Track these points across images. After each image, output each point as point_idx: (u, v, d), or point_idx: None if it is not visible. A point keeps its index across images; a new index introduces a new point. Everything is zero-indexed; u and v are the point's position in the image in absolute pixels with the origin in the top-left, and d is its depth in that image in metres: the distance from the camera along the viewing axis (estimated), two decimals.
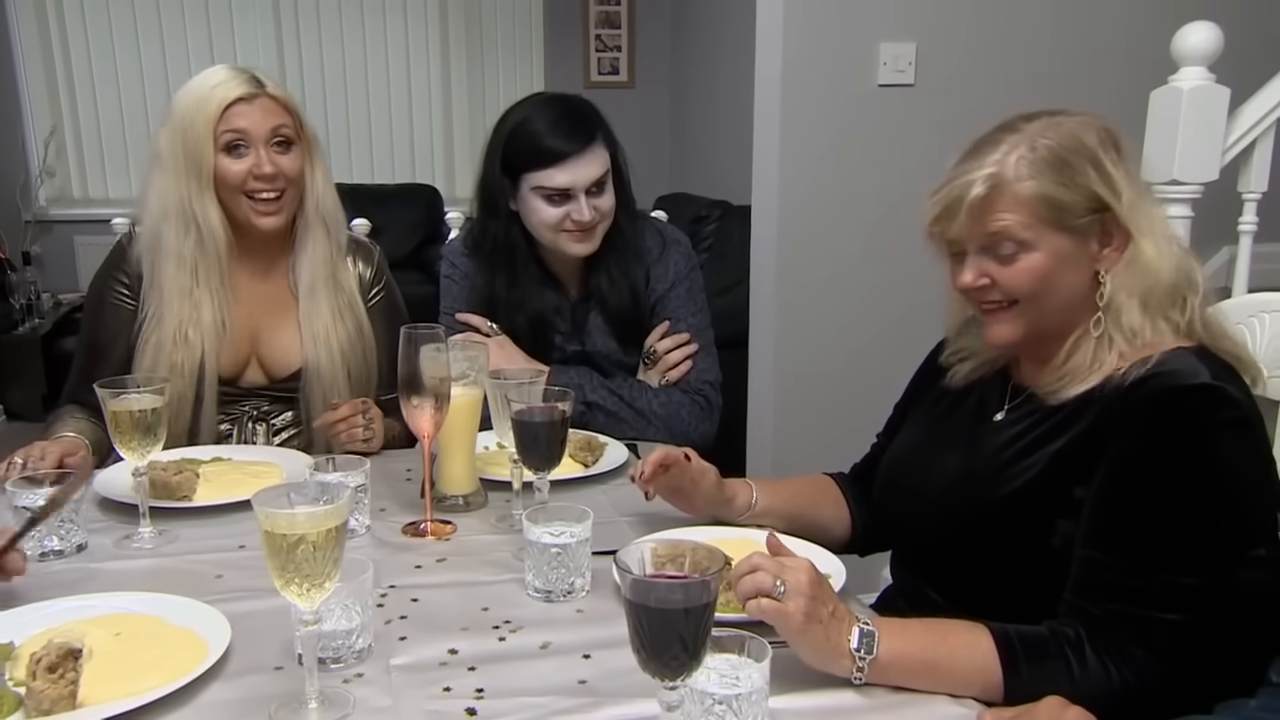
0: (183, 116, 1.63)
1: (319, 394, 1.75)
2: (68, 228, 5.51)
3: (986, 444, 1.21)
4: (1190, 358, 1.08)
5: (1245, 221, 2.08)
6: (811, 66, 2.62)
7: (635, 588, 0.81)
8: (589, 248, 1.81)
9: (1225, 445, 1.04)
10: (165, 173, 1.66)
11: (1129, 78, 2.16)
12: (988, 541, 1.17)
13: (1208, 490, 1.03)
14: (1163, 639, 1.01)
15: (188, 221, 1.65)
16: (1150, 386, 1.07)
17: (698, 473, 1.32)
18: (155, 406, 1.34)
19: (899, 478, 1.36)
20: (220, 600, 1.14)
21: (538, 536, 1.20)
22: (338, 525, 0.94)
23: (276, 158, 1.66)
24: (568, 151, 1.73)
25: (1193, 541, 1.02)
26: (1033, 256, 1.12)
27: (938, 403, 1.35)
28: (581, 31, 6.11)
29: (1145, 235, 1.12)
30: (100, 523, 1.42)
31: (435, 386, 1.36)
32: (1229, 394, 1.05)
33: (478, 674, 1.03)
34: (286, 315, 1.76)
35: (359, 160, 6.17)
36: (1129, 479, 1.06)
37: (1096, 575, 1.05)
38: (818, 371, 2.73)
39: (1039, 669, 1.00)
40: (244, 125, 1.63)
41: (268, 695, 0.98)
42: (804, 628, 0.96)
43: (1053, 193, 1.10)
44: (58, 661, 0.93)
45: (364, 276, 1.84)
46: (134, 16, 5.58)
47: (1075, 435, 1.12)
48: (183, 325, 1.67)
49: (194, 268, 1.67)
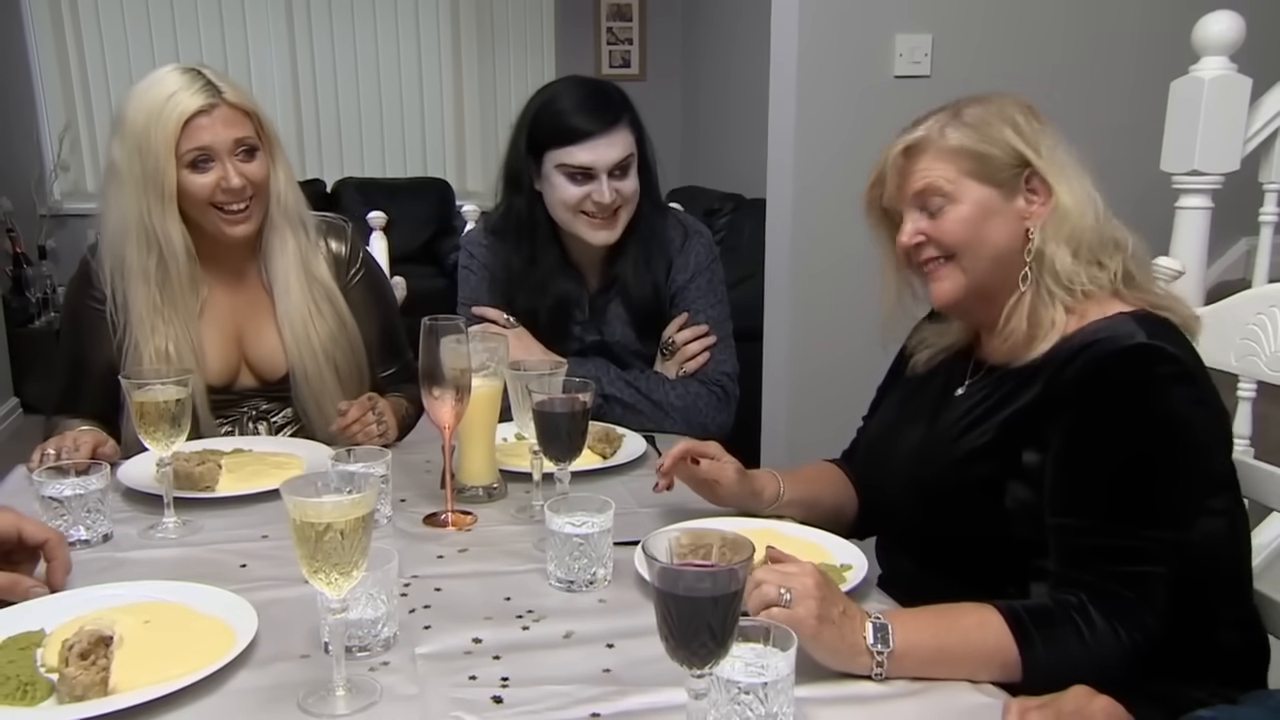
0: (137, 131, 1.56)
1: (309, 395, 1.73)
2: (82, 222, 5.52)
3: (945, 416, 1.27)
4: (1128, 322, 1.12)
5: (1267, 212, 2.06)
6: (826, 58, 2.61)
7: (663, 576, 0.81)
8: (608, 236, 1.80)
9: (1171, 399, 1.08)
10: (122, 188, 1.59)
11: (1145, 68, 2.16)
12: (946, 507, 1.22)
13: (1162, 443, 1.07)
14: (1156, 592, 1.04)
15: (150, 239, 1.59)
16: (1089, 353, 1.11)
17: (715, 471, 1.33)
18: (180, 397, 1.35)
19: (873, 449, 1.43)
20: (245, 589, 1.15)
21: (560, 527, 1.20)
22: (365, 514, 0.94)
23: (243, 167, 1.60)
24: (592, 130, 1.73)
25: (1159, 495, 1.06)
26: (960, 208, 1.19)
27: (909, 382, 1.41)
28: (593, 24, 6.11)
29: (1063, 185, 1.18)
30: (125, 513, 1.43)
31: (456, 378, 1.36)
32: (1166, 351, 1.09)
33: (502, 663, 1.04)
34: (266, 318, 1.73)
35: (370, 154, 6.19)
36: (1086, 443, 1.09)
37: (1076, 541, 1.08)
38: (832, 362, 2.72)
39: (1050, 637, 1.02)
40: (207, 141, 1.57)
41: (295, 683, 0.99)
42: (817, 630, 0.97)
43: (972, 145, 1.18)
44: (89, 648, 0.93)
45: (340, 255, 1.79)
46: (147, 11, 5.60)
47: (1024, 403, 1.16)
48: (163, 345, 1.63)
49: (161, 283, 1.62)
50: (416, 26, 6.06)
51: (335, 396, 1.71)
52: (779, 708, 0.89)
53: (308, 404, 1.74)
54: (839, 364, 2.72)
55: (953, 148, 1.19)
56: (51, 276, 5.00)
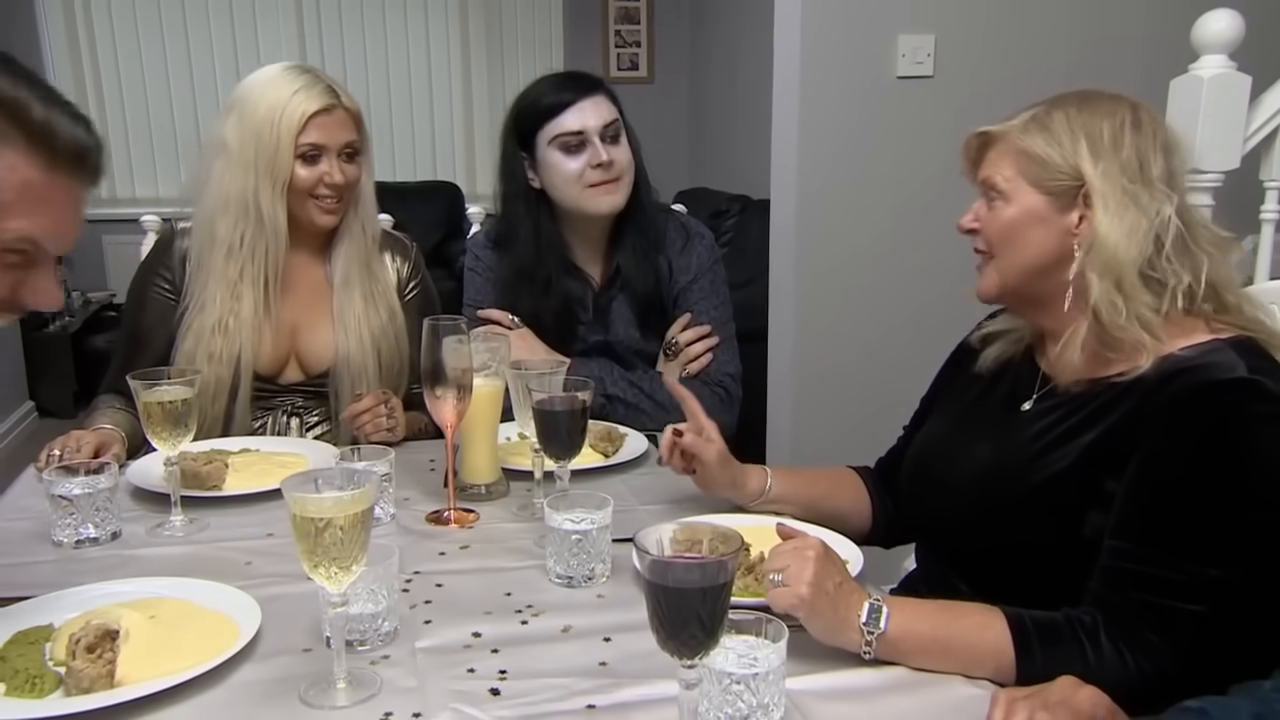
0: (259, 117, 1.67)
1: (347, 381, 1.78)
2: (96, 227, 5.57)
3: (1016, 434, 1.22)
4: (1228, 351, 1.07)
5: (1268, 210, 2.06)
6: (830, 59, 2.62)
7: (653, 568, 0.83)
8: (615, 200, 1.83)
9: (1262, 439, 1.03)
10: (231, 164, 1.69)
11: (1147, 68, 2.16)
12: (1016, 530, 1.17)
13: (1239, 485, 1.03)
14: (1183, 629, 1.01)
15: (247, 215, 1.69)
16: (1185, 381, 1.07)
17: (697, 445, 1.35)
18: (186, 398, 1.37)
19: (927, 466, 1.36)
20: (250, 585, 1.17)
21: (559, 523, 1.22)
22: (364, 510, 0.96)
23: (346, 167, 1.72)
24: (573, 98, 1.79)
25: (1221, 534, 1.02)
26: (1008, 208, 1.17)
27: (966, 391, 1.35)
28: (601, 27, 6.13)
29: (1106, 211, 1.11)
30: (133, 511, 1.45)
31: (458, 377, 1.38)
32: (1265, 387, 1.04)
33: (501, 656, 1.06)
34: (323, 310, 1.81)
35: (380, 158, 6.20)
36: (1161, 472, 1.06)
37: (1123, 564, 1.05)
38: (836, 363, 2.73)
39: (1052, 653, 1.01)
40: (323, 139, 1.69)
41: (297, 676, 1.01)
42: (811, 597, 0.98)
43: (1035, 149, 1.15)
44: (96, 642, 0.96)
45: (401, 273, 1.89)
46: (160, 18, 5.64)
47: (1108, 427, 1.12)
48: (224, 316, 1.71)
49: (244, 261, 1.71)
50: (426, 30, 6.09)
51: (373, 384, 1.78)
52: (770, 699, 0.90)
53: (344, 389, 1.79)
54: (843, 365, 2.73)
55: (1020, 148, 1.16)
56: (65, 281, 5.01)
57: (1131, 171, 1.13)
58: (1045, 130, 1.15)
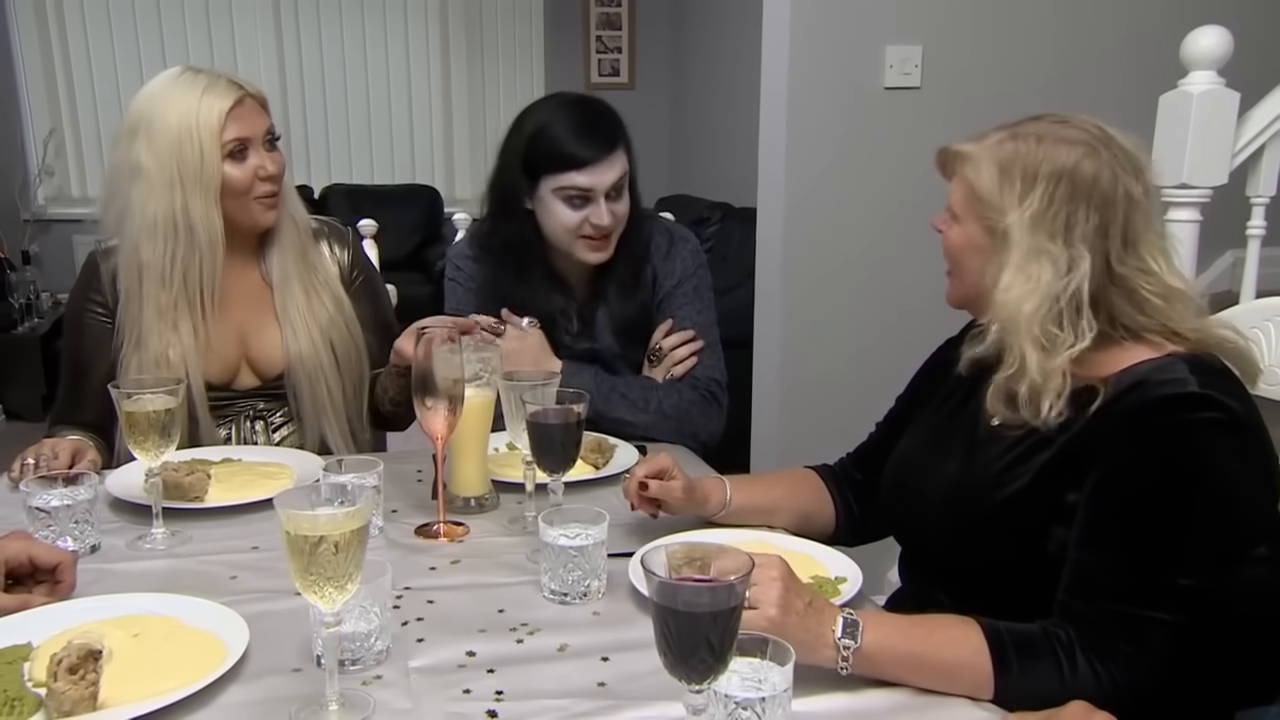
0: (172, 130, 1.59)
1: (305, 379, 1.73)
2: (67, 227, 5.50)
3: (983, 451, 1.22)
4: (1180, 366, 1.08)
5: (1254, 226, 2.08)
6: (817, 69, 2.62)
7: (662, 590, 0.81)
8: (604, 255, 1.81)
9: (1218, 451, 1.04)
10: (152, 186, 1.61)
11: (1133, 81, 2.17)
12: (986, 548, 1.18)
13: (1199, 496, 1.03)
14: (1155, 638, 1.01)
15: (177, 234, 1.62)
16: (1136, 395, 1.07)
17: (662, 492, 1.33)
18: (170, 407, 1.34)
19: (903, 479, 1.36)
20: (236, 601, 1.14)
21: (554, 538, 1.19)
22: (360, 527, 0.94)
23: (273, 155, 1.67)
24: (592, 158, 1.73)
25: (1185, 544, 1.03)
26: (958, 229, 1.21)
27: (943, 404, 1.35)
28: (582, 33, 6.12)
29: (1004, 258, 1.12)
30: (113, 524, 1.41)
31: (449, 388, 1.35)
32: (1215, 400, 1.05)
33: (497, 676, 1.03)
34: (267, 312, 1.75)
35: (359, 161, 6.17)
36: (1120, 485, 1.06)
37: (1089, 575, 1.06)
38: (823, 372, 2.73)
39: (1029, 668, 1.00)
40: (245, 131, 1.63)
41: (287, 697, 0.98)
42: (780, 618, 0.97)
43: (979, 184, 1.16)
44: (79, 663, 0.92)
45: (343, 262, 1.83)
46: (134, 16, 5.57)
47: (1065, 442, 1.12)
48: (164, 349, 1.65)
49: (177, 286, 1.64)
50: (405, 33, 6.05)
51: (332, 380, 1.74)
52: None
53: (303, 391, 1.74)
54: (830, 374, 2.73)
55: (970, 179, 1.16)
56: (35, 282, 4.96)
57: (1053, 228, 1.11)
58: (995, 163, 1.14)
